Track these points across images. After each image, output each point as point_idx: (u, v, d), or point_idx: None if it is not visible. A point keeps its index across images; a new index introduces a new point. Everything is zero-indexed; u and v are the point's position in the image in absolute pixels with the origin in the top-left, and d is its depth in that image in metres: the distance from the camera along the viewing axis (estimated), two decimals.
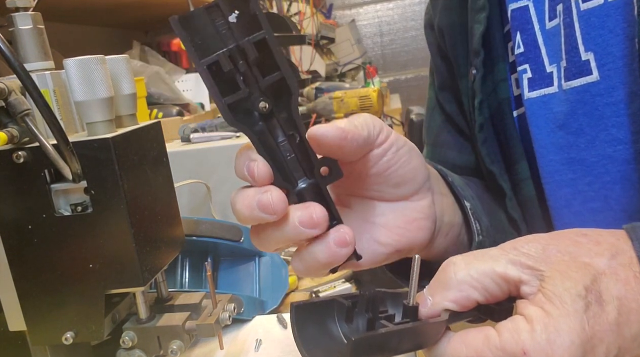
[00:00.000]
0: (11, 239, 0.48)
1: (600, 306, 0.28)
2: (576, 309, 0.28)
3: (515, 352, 0.28)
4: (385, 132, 0.39)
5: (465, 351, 0.30)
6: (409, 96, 4.15)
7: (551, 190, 0.50)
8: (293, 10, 2.45)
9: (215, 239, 0.72)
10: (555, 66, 0.48)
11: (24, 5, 0.48)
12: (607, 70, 0.43)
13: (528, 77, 0.50)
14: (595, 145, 0.45)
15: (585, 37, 0.44)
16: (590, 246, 0.31)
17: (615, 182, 0.45)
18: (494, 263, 0.31)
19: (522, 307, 0.30)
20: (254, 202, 0.34)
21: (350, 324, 0.29)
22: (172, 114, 1.16)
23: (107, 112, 0.47)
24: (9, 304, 0.50)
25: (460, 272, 0.31)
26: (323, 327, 0.29)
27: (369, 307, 0.30)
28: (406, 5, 4.18)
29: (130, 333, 0.52)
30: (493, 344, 0.29)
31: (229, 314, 0.54)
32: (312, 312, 0.30)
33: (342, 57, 3.33)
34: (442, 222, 0.44)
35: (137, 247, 0.47)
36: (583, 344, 0.27)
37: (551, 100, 0.48)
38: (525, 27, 0.50)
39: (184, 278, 0.73)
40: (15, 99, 0.44)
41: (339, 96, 1.39)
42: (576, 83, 0.45)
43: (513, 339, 0.28)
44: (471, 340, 0.30)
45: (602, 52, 0.43)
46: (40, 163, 0.46)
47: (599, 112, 0.44)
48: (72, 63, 0.46)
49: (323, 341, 0.29)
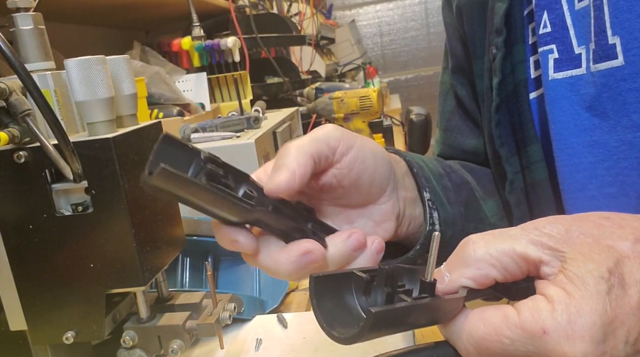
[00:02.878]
0: (12, 239, 0.48)
1: (622, 289, 0.28)
2: (599, 291, 0.28)
3: (535, 331, 0.28)
4: (342, 148, 0.39)
5: (483, 328, 0.29)
6: (409, 96, 4.15)
7: (567, 173, 0.50)
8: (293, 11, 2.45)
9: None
10: (584, 48, 0.48)
11: (25, 5, 0.48)
12: (632, 55, 0.43)
13: (555, 58, 0.50)
14: (617, 130, 0.45)
15: (614, 20, 0.44)
16: (614, 229, 0.30)
17: (633, 168, 0.45)
18: (515, 242, 0.31)
19: (542, 287, 0.30)
20: (300, 263, 0.36)
21: (368, 297, 0.29)
22: (172, 114, 1.16)
23: (108, 112, 0.47)
24: (9, 303, 0.50)
25: (480, 250, 0.31)
26: (341, 300, 0.28)
27: (387, 282, 0.30)
28: (406, 5, 4.18)
29: (130, 333, 0.52)
30: (512, 323, 0.28)
31: (229, 313, 0.54)
32: (330, 284, 0.30)
33: (342, 58, 3.33)
34: (403, 216, 0.45)
35: (137, 247, 0.47)
36: (604, 326, 0.27)
37: (578, 82, 0.48)
38: (553, 7, 0.50)
39: (184, 278, 0.73)
40: (16, 99, 0.44)
41: (339, 96, 1.39)
42: (602, 66, 0.45)
43: (533, 318, 0.28)
44: (489, 317, 0.29)
45: (628, 37, 0.43)
46: (41, 163, 0.46)
47: (622, 98, 0.44)
48: (73, 63, 0.46)
49: (341, 313, 0.29)
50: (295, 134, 1.23)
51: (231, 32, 1.49)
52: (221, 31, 1.56)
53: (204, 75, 1.38)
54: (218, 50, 1.39)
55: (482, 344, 0.29)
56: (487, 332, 0.29)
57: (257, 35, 1.50)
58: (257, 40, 1.51)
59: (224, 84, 1.45)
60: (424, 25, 4.13)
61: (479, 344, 0.29)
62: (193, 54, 1.41)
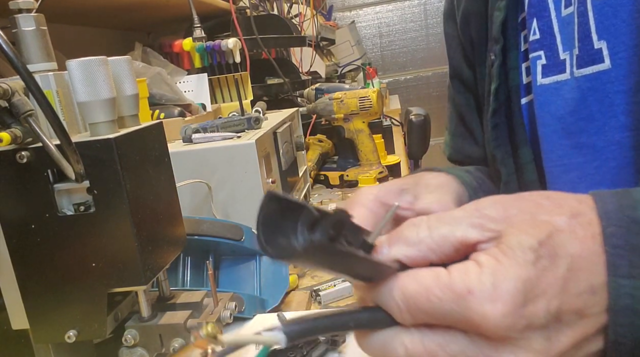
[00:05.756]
0: (14, 239, 0.48)
1: (551, 260, 0.29)
2: (525, 260, 0.29)
3: (461, 290, 0.29)
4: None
5: (415, 286, 0.30)
6: (408, 97, 4.16)
7: (557, 174, 0.51)
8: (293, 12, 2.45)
9: (217, 238, 0.73)
10: (568, 53, 0.49)
11: (27, 6, 0.49)
12: (618, 59, 0.44)
13: (542, 64, 0.51)
14: (605, 131, 0.46)
15: (599, 26, 0.45)
16: (552, 208, 0.31)
17: (622, 167, 0.46)
18: (455, 227, 0.31)
19: (475, 255, 0.31)
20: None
21: (312, 232, 0.30)
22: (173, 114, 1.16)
23: (110, 112, 0.48)
24: (12, 302, 0.50)
25: (422, 233, 0.32)
26: (286, 223, 0.29)
27: (334, 226, 0.30)
28: (405, 7, 4.18)
29: (132, 331, 0.52)
30: (442, 282, 0.29)
31: (230, 312, 0.54)
32: (282, 206, 0.29)
33: (342, 59, 3.33)
34: None
35: (139, 246, 0.48)
36: (526, 292, 0.28)
37: (563, 87, 0.49)
38: (542, 14, 0.51)
39: (185, 277, 0.73)
40: (19, 100, 0.45)
41: (339, 97, 1.39)
42: (588, 71, 0.46)
43: (461, 279, 0.29)
44: (422, 277, 0.30)
45: (614, 41, 0.44)
46: (43, 163, 0.46)
47: (610, 100, 0.45)
48: (74, 64, 0.46)
49: (280, 236, 0.29)
50: (295, 134, 1.23)
51: (232, 33, 1.49)
52: (222, 32, 1.56)
53: (205, 76, 1.39)
54: (219, 51, 1.40)
55: (413, 301, 0.30)
56: (418, 291, 0.30)
57: (257, 36, 1.51)
58: (257, 42, 1.51)
59: (224, 85, 1.46)
60: (423, 26, 4.13)
61: (409, 301, 0.30)
62: (194, 54, 1.42)
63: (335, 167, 1.48)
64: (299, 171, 1.22)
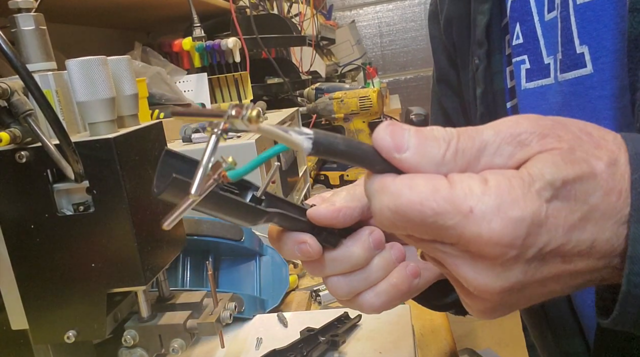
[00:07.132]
0: (14, 239, 0.48)
1: (568, 203, 0.27)
2: (540, 195, 0.27)
3: (462, 207, 0.26)
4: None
5: (408, 194, 0.27)
6: (409, 96, 4.15)
7: None
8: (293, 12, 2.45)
9: (216, 238, 0.72)
10: (552, 58, 0.49)
11: (26, 6, 0.49)
12: (600, 64, 0.44)
13: (526, 68, 0.51)
14: None
15: (581, 30, 0.45)
16: (590, 147, 0.29)
17: None
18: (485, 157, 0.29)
19: (486, 173, 0.28)
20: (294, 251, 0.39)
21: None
22: None
23: (109, 112, 0.48)
24: (11, 303, 0.50)
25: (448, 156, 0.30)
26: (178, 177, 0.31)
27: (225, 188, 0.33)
28: (406, 6, 4.18)
29: (131, 332, 0.52)
30: (441, 196, 0.27)
31: (229, 312, 0.54)
32: (177, 160, 0.33)
33: (342, 58, 3.33)
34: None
35: (138, 246, 0.47)
36: (531, 225, 0.26)
37: (547, 91, 0.49)
38: (525, 19, 0.51)
39: (185, 277, 0.73)
40: (18, 100, 0.44)
41: (339, 97, 1.39)
42: (570, 75, 0.46)
43: (464, 195, 0.27)
44: (418, 185, 0.27)
45: (596, 46, 0.44)
46: (43, 163, 0.46)
47: (592, 105, 0.45)
48: (74, 64, 0.46)
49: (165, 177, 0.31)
50: None
51: (232, 33, 1.49)
52: (222, 32, 1.56)
53: (205, 75, 1.39)
54: (219, 51, 1.40)
55: (401, 209, 0.27)
56: (411, 200, 0.27)
57: (257, 35, 1.51)
58: (257, 41, 1.51)
59: (224, 85, 1.46)
60: (423, 26, 4.13)
61: (398, 210, 0.27)
62: (194, 54, 1.42)
63: (335, 167, 1.48)
64: (299, 171, 1.22)
